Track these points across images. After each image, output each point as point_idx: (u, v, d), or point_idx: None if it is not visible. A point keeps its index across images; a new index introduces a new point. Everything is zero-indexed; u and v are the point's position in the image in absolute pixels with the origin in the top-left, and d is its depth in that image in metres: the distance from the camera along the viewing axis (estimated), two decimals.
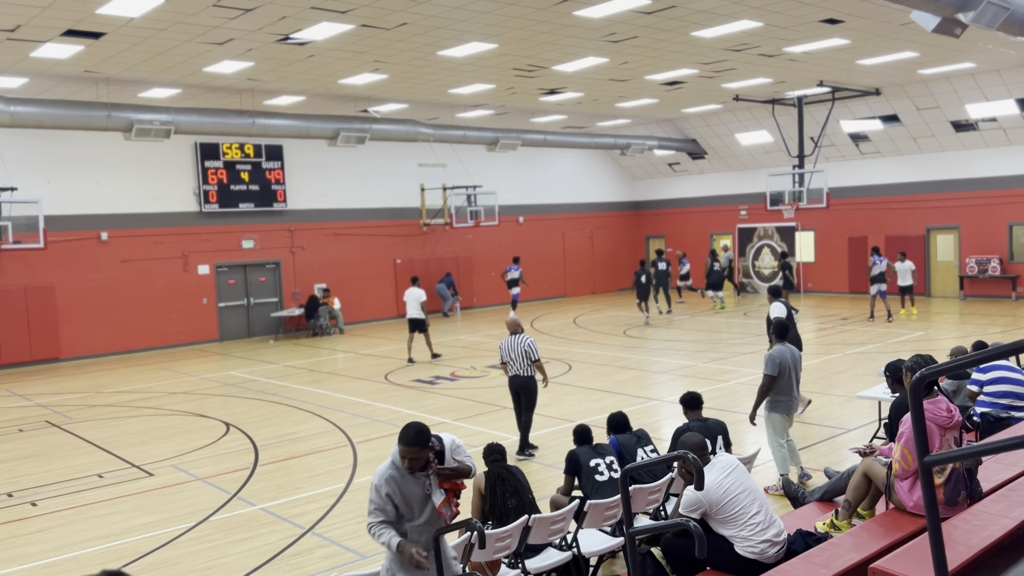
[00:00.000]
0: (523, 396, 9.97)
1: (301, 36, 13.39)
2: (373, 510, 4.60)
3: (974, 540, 4.43)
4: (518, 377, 9.96)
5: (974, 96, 21.31)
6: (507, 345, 10.00)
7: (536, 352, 9.90)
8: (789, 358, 8.17)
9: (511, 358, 9.97)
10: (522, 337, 9.95)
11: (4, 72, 15.10)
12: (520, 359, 9.93)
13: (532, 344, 9.93)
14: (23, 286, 19.13)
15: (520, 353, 9.91)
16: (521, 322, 10.07)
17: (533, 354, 9.87)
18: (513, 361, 9.98)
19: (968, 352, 8.42)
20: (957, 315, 20.79)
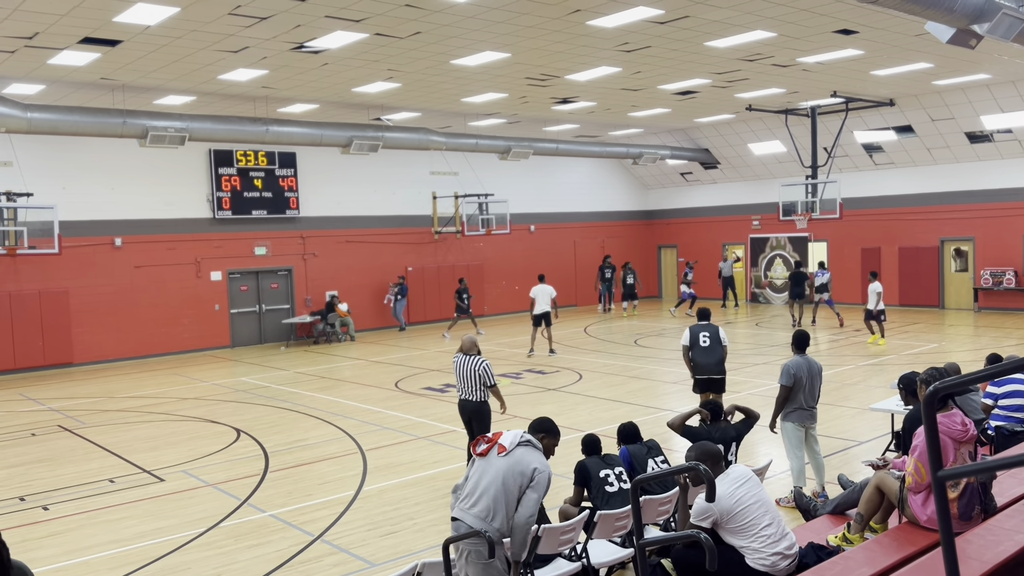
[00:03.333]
0: (475, 423, 9.16)
1: (315, 44, 13.47)
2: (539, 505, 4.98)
3: (988, 555, 4.39)
4: (468, 402, 9.13)
5: (989, 107, 21.20)
6: (458, 364, 9.17)
7: (491, 377, 9.03)
8: (805, 369, 8.13)
9: (460, 379, 9.15)
10: (477, 359, 9.06)
11: (22, 79, 15.26)
12: (471, 382, 9.07)
13: (487, 368, 9.03)
14: (38, 291, 19.27)
15: (471, 376, 9.04)
16: (477, 341, 9.33)
17: (488, 379, 9.00)
18: (462, 383, 9.14)
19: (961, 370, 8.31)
20: (971, 327, 20.64)
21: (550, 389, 14.62)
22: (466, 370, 9.07)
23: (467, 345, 9.19)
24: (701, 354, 10.48)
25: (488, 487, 5.02)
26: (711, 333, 10.51)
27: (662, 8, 12.13)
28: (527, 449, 5.10)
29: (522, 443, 5.11)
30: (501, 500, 4.96)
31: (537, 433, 5.38)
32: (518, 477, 4.98)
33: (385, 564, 7.06)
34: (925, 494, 5.28)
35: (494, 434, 5.24)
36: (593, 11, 12.13)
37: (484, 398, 9.11)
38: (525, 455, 5.06)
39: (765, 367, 15.85)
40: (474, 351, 9.13)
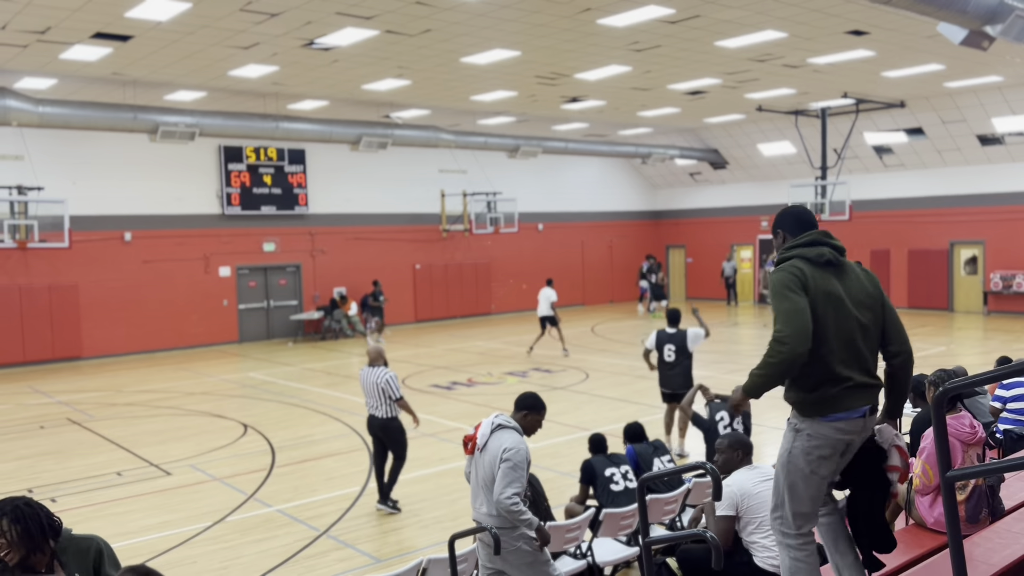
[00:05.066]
0: (385, 440, 8.56)
1: (326, 41, 13.48)
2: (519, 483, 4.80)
3: (995, 558, 4.37)
4: (375, 418, 8.52)
5: (1001, 110, 21.09)
6: (363, 377, 8.58)
7: (396, 389, 8.42)
8: None
9: (366, 393, 8.57)
10: (380, 371, 8.46)
11: (33, 73, 15.32)
12: (376, 396, 8.46)
13: (392, 380, 8.43)
14: (47, 285, 19.35)
15: (376, 389, 8.44)
16: (384, 353, 8.74)
17: (392, 392, 8.40)
18: (369, 397, 8.56)
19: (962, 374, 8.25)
20: (980, 331, 20.54)
21: (556, 388, 14.62)
22: (370, 383, 8.48)
23: (372, 356, 8.65)
24: (665, 368, 10.14)
25: (480, 486, 5.03)
26: (677, 344, 10.07)
27: (673, 7, 12.10)
28: (499, 433, 5.02)
29: (494, 430, 5.05)
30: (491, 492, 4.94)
31: (520, 411, 5.28)
32: (492, 466, 4.93)
33: (390, 560, 7.07)
34: (932, 496, 5.26)
35: (475, 427, 5.19)
36: (603, 10, 12.11)
37: (392, 413, 8.50)
38: (494, 441, 4.99)
39: None
40: (380, 362, 8.56)
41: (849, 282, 3.73)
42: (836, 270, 3.72)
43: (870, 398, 3.71)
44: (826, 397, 3.63)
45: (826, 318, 3.62)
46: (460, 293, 26.44)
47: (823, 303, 3.62)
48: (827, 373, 3.62)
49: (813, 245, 3.73)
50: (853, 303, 3.69)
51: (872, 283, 3.81)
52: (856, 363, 3.67)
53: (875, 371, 3.76)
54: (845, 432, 3.66)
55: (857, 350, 3.68)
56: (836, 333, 3.64)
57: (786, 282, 3.64)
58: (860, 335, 3.69)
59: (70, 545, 3.51)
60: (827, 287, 3.65)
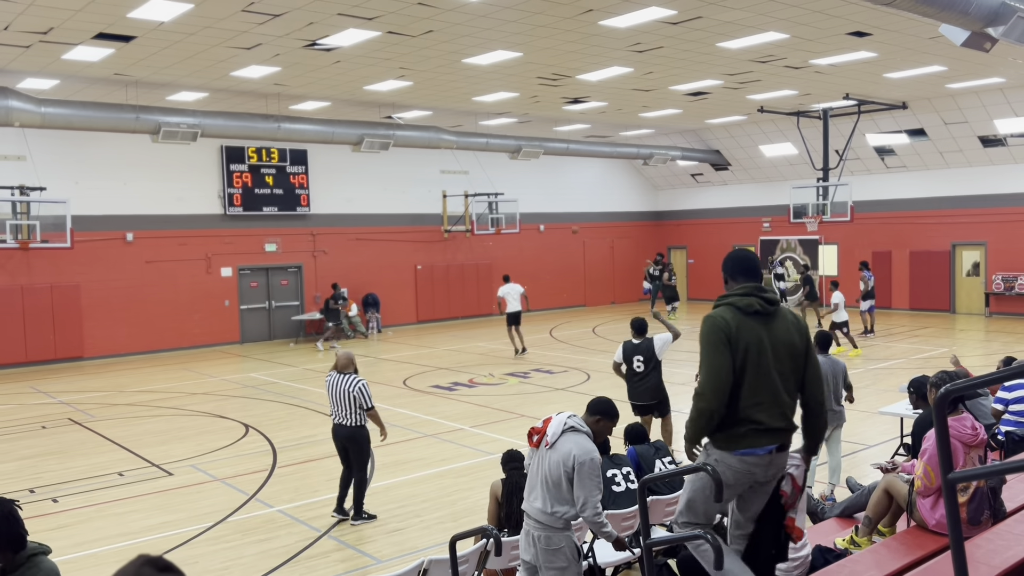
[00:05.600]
0: (351, 450, 8.23)
1: (328, 42, 13.50)
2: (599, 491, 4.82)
3: (997, 560, 4.37)
4: (342, 427, 8.18)
5: (1003, 111, 21.08)
6: (330, 384, 8.26)
7: (369, 399, 8.11)
8: (829, 370, 8.10)
9: (333, 401, 8.26)
10: (351, 378, 8.15)
11: (36, 74, 15.34)
12: (345, 404, 8.14)
13: (364, 388, 8.10)
14: (49, 285, 19.37)
15: (346, 397, 8.12)
16: (353, 358, 8.40)
17: (364, 401, 8.09)
18: (335, 405, 8.23)
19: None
20: (982, 332, 20.52)
21: (558, 389, 14.62)
22: (339, 391, 8.16)
23: (342, 362, 8.32)
24: (635, 381, 9.55)
25: (540, 480, 5.02)
26: (645, 354, 9.44)
27: (675, 8, 12.10)
28: (569, 435, 4.95)
29: (566, 430, 5.02)
30: (553, 491, 4.94)
31: (593, 415, 5.23)
32: (560, 466, 4.91)
33: (391, 561, 7.07)
34: (934, 498, 5.26)
35: (544, 421, 5.12)
36: (605, 11, 12.11)
37: (360, 422, 8.17)
38: (565, 443, 4.93)
39: None
40: (350, 369, 8.25)
41: (775, 332, 4.03)
42: (764, 319, 4.02)
43: (779, 439, 4.04)
44: (735, 435, 3.99)
45: (745, 365, 3.95)
46: (461, 294, 26.45)
47: (743, 351, 3.94)
48: (740, 415, 3.98)
49: (745, 296, 4.05)
50: (774, 352, 3.99)
51: (800, 334, 4.10)
52: (770, 407, 4.00)
53: (790, 415, 4.07)
54: (749, 465, 4.02)
55: (773, 396, 4.00)
56: (754, 379, 3.97)
57: (713, 333, 3.99)
58: (779, 382, 4.00)
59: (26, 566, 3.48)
60: (750, 336, 3.96)
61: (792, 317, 4.16)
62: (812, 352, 4.15)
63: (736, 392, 3.97)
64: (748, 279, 4.15)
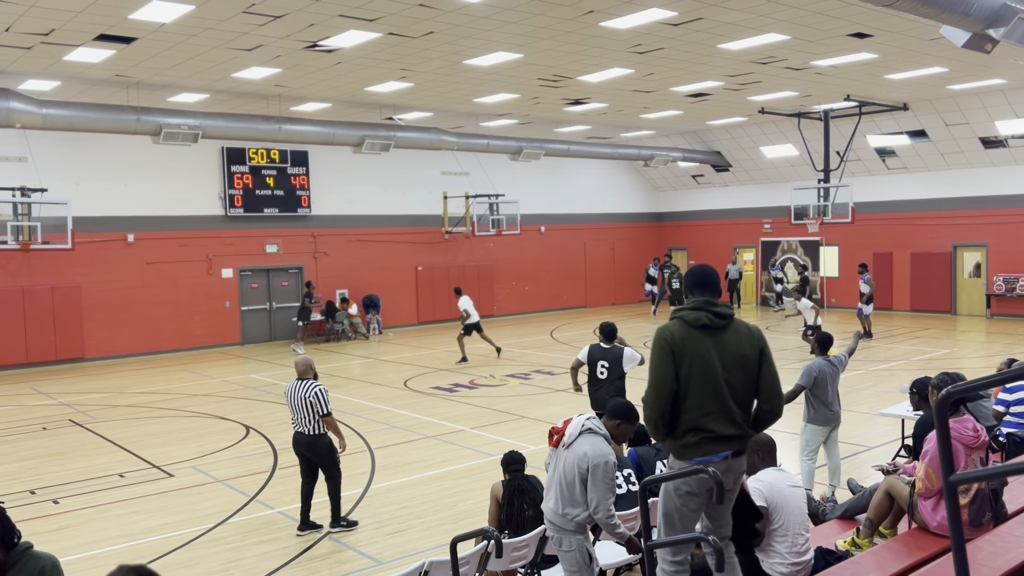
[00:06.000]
0: (314, 459, 7.97)
1: (329, 43, 13.50)
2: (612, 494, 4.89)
3: (998, 562, 4.36)
4: (302, 435, 7.90)
5: (1004, 112, 21.08)
6: (289, 392, 7.97)
7: (325, 405, 7.81)
8: (828, 371, 8.09)
9: (292, 408, 7.95)
10: (310, 384, 7.87)
11: (37, 75, 15.36)
12: (303, 411, 7.84)
13: (321, 394, 7.83)
14: (50, 286, 19.38)
15: (304, 404, 7.82)
16: (314, 364, 8.09)
17: (321, 407, 7.78)
18: (294, 412, 7.93)
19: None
20: (983, 334, 20.51)
21: (559, 390, 14.61)
22: (297, 397, 7.86)
23: (301, 368, 8.03)
24: (595, 387, 9.02)
25: (555, 481, 5.10)
26: (611, 361, 8.92)
27: (675, 10, 12.11)
28: (585, 437, 5.01)
29: (583, 432, 5.05)
30: (566, 493, 5.01)
31: (613, 419, 5.28)
32: (574, 468, 4.96)
33: (392, 562, 7.07)
34: (935, 500, 5.26)
35: (565, 422, 5.18)
36: (606, 12, 12.12)
37: (320, 431, 7.87)
38: (581, 444, 4.99)
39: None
40: (309, 375, 7.95)
41: (725, 345, 4.19)
42: (712, 332, 4.19)
43: (733, 446, 4.21)
44: (689, 444, 4.18)
45: (692, 375, 4.14)
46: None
47: (690, 362, 4.14)
48: (691, 424, 4.16)
49: (695, 310, 4.24)
50: (723, 363, 4.16)
51: (752, 345, 4.24)
52: (721, 416, 4.16)
53: (742, 423, 4.23)
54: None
55: (723, 405, 4.16)
56: (702, 388, 4.14)
57: (659, 345, 4.22)
58: (727, 391, 4.16)
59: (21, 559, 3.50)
60: (696, 349, 4.15)
61: (746, 329, 4.29)
62: (766, 363, 4.27)
63: (685, 403, 4.16)
64: (704, 293, 4.31)
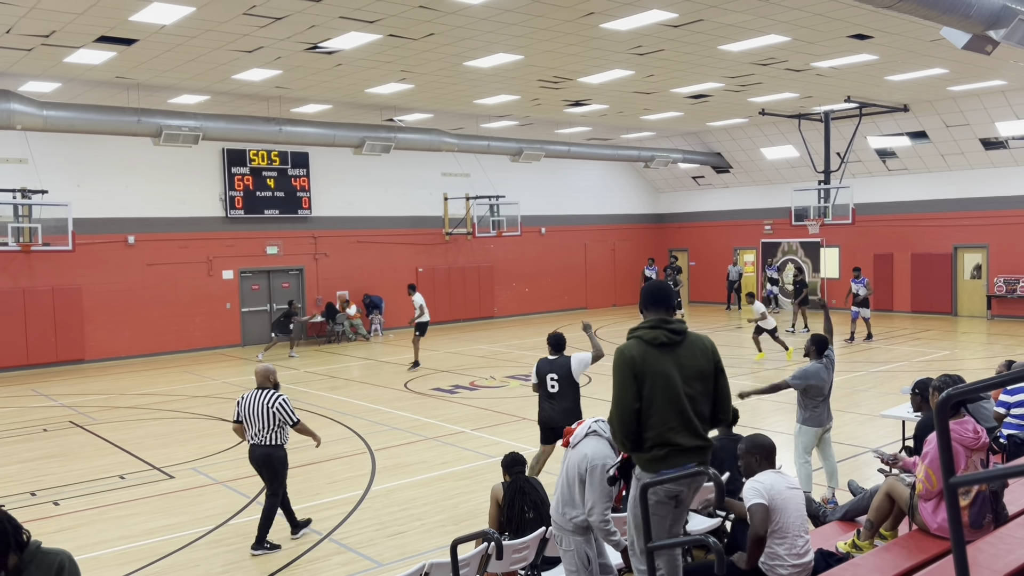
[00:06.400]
0: (264, 471, 7.62)
1: (329, 45, 13.51)
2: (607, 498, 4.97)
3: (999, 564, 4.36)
4: (257, 447, 7.54)
5: (1004, 114, 21.08)
6: (246, 401, 7.58)
7: (291, 414, 7.55)
8: (823, 375, 8.09)
9: (247, 419, 7.55)
10: (270, 394, 7.54)
11: (38, 77, 15.37)
12: (261, 422, 7.48)
13: (284, 403, 7.51)
14: (51, 287, 19.39)
15: (264, 415, 7.46)
16: (274, 374, 7.75)
17: (287, 417, 7.52)
18: (251, 424, 7.53)
19: None
20: (984, 335, 20.50)
21: None
22: (255, 408, 7.50)
23: (260, 377, 7.70)
24: (549, 403, 8.46)
25: (560, 481, 5.25)
26: (561, 373, 8.43)
27: (676, 11, 12.11)
28: (590, 439, 5.15)
29: (588, 433, 5.18)
30: (567, 493, 5.14)
31: None
32: (575, 468, 5.09)
33: (392, 564, 7.07)
34: (936, 501, 5.25)
35: (578, 423, 5.35)
36: (607, 14, 12.12)
37: (277, 441, 7.56)
38: (584, 446, 5.12)
39: (775, 372, 15.79)
40: (268, 384, 7.64)
41: (682, 359, 4.36)
42: (670, 349, 4.35)
43: (697, 457, 4.35)
44: (656, 457, 4.33)
45: (655, 392, 4.30)
46: (463, 296, 26.45)
47: (652, 380, 4.30)
48: (657, 438, 4.32)
49: (652, 329, 4.39)
50: (683, 378, 4.33)
51: (707, 358, 4.42)
52: (684, 429, 4.32)
53: (703, 433, 4.41)
54: (674, 484, 4.35)
55: (686, 418, 4.32)
56: (665, 404, 4.30)
57: (620, 366, 4.38)
58: (689, 405, 4.32)
59: (35, 558, 3.47)
60: (657, 366, 4.31)
61: (701, 343, 4.45)
62: (721, 375, 4.46)
63: (650, 419, 4.32)
64: (658, 310, 4.47)
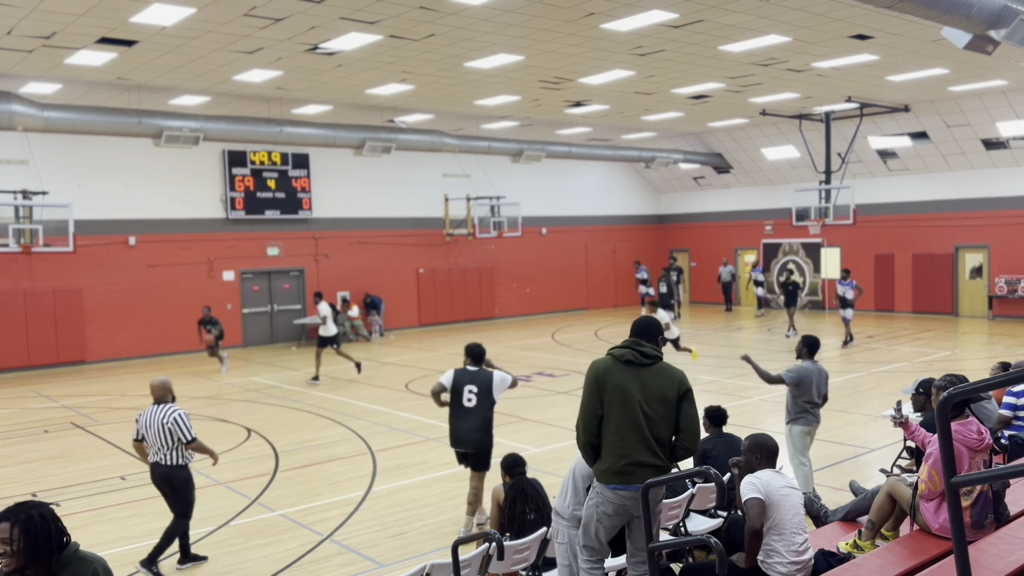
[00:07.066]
0: (167, 492, 7.14)
1: (330, 46, 13.51)
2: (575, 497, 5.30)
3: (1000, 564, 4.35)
4: (157, 465, 7.03)
5: (1005, 114, 21.07)
6: (144, 419, 7.06)
7: (188, 431, 6.98)
8: (814, 374, 8.09)
9: (147, 437, 7.03)
10: (168, 408, 7.02)
11: (39, 78, 15.38)
12: (160, 438, 6.95)
13: (181, 419, 6.97)
14: (52, 289, 19.40)
15: (161, 431, 6.94)
16: (170, 385, 7.24)
17: (183, 434, 6.94)
18: (150, 441, 7.01)
19: None
20: (985, 335, 20.49)
21: (560, 392, 14.60)
22: (153, 424, 6.97)
23: (158, 391, 7.14)
24: (461, 418, 7.67)
25: (568, 474, 5.45)
26: (481, 387, 7.68)
27: (677, 12, 12.11)
28: None
29: None
30: (567, 484, 5.36)
31: None
32: (574, 461, 5.36)
33: (394, 565, 7.06)
34: (938, 501, 5.25)
35: None
36: (607, 14, 12.12)
37: (178, 460, 7.02)
38: None
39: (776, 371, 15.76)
40: (167, 398, 7.13)
41: (646, 380, 4.61)
42: (636, 369, 4.64)
43: (650, 476, 4.54)
44: (610, 470, 4.60)
45: (613, 406, 4.58)
46: (463, 297, 26.45)
47: (612, 395, 4.59)
48: (612, 451, 4.59)
49: (624, 348, 4.72)
50: (644, 397, 4.58)
51: (672, 386, 4.64)
52: (640, 445, 4.56)
53: (660, 452, 4.62)
54: (623, 499, 4.61)
55: (643, 435, 4.55)
56: (623, 420, 4.56)
57: (588, 376, 4.74)
58: (645, 423, 4.56)
59: (71, 563, 3.43)
60: (619, 382, 4.60)
61: (670, 372, 4.68)
62: (687, 403, 4.63)
63: (607, 429, 4.60)
64: (640, 338, 4.77)
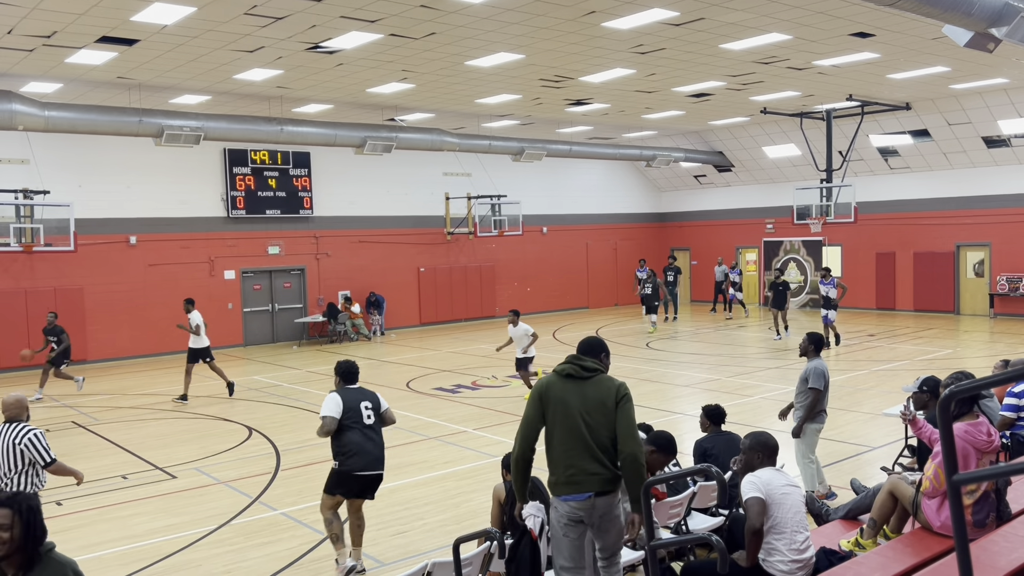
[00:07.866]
0: None
1: (330, 45, 13.51)
2: None
3: (1002, 562, 4.35)
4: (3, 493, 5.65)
5: (1007, 112, 21.04)
6: None
7: (46, 452, 6.11)
8: (822, 371, 8.10)
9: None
10: (19, 427, 6.14)
11: (39, 77, 15.38)
12: (8, 462, 6.03)
13: (37, 439, 6.10)
14: (53, 288, 19.40)
15: (11, 454, 6.04)
16: (26, 403, 6.39)
17: (40, 457, 6.08)
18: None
19: None
20: (987, 333, 20.47)
21: None
22: (6, 446, 6.04)
23: (12, 410, 6.25)
24: (366, 437, 6.82)
25: None
26: (374, 403, 7.02)
27: (677, 10, 12.10)
28: None
29: None
30: None
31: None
32: None
33: (395, 564, 7.06)
34: (940, 500, 5.24)
35: None
36: (608, 13, 12.11)
37: (27, 486, 6.06)
38: None
39: (777, 371, 15.78)
40: (23, 416, 6.26)
41: (586, 391, 4.75)
42: (575, 382, 4.79)
43: (596, 485, 4.65)
44: (559, 481, 4.74)
45: (556, 418, 4.73)
46: (464, 296, 26.45)
47: (554, 408, 4.74)
48: (559, 462, 4.72)
49: (565, 363, 4.89)
50: (583, 408, 4.70)
51: (610, 394, 4.75)
52: (584, 455, 4.66)
53: (606, 461, 4.69)
54: (574, 509, 4.68)
55: (585, 445, 4.66)
56: (565, 431, 4.69)
57: (532, 394, 4.89)
58: (588, 433, 4.66)
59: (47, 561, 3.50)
60: (560, 394, 4.75)
61: (609, 382, 4.80)
62: (623, 410, 4.70)
63: (553, 441, 4.74)
64: (583, 353, 4.94)
